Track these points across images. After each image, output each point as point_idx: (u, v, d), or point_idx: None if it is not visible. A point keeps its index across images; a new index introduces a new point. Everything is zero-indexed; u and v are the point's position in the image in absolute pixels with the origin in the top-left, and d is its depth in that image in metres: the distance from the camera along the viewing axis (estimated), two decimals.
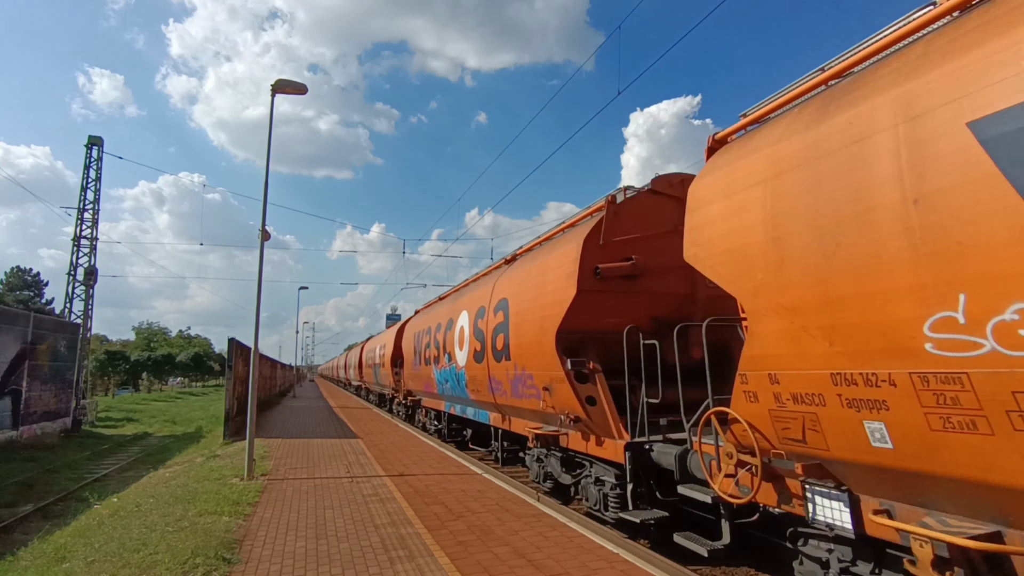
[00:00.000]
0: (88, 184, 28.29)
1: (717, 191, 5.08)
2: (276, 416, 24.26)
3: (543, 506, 7.80)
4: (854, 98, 3.91)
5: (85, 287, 27.89)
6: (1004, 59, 3.00)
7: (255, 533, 6.62)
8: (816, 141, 4.07)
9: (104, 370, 63.96)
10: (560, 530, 6.61)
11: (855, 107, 3.84)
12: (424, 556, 5.72)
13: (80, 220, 27.90)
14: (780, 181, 4.31)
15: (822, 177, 3.92)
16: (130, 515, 7.56)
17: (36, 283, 54.92)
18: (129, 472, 15.38)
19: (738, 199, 4.74)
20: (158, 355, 71.23)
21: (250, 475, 9.81)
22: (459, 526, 6.80)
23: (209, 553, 5.65)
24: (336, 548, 6.03)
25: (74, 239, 27.75)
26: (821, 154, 3.98)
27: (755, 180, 4.59)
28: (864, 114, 3.73)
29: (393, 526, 6.84)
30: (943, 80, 3.28)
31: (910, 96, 3.45)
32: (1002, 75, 2.98)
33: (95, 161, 28.42)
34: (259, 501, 8.19)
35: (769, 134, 4.75)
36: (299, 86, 10.99)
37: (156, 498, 8.57)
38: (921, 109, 3.35)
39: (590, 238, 7.40)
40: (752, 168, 4.69)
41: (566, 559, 5.58)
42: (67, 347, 22.46)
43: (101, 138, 28.64)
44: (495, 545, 6.06)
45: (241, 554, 5.87)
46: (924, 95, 3.36)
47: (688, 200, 5.44)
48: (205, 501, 7.89)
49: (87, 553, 5.96)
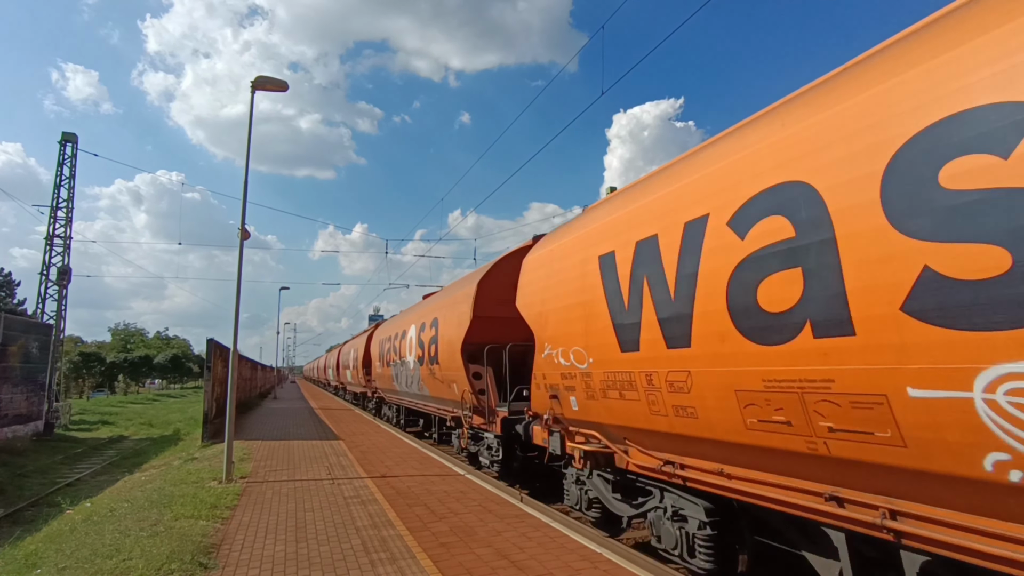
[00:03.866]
0: (62, 182, 27.68)
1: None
2: (256, 418, 23.94)
3: (526, 507, 7.78)
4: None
5: (58, 287, 27.28)
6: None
7: (233, 537, 6.51)
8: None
9: (78, 372, 62.60)
10: (543, 530, 6.60)
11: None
12: (406, 558, 5.67)
13: (53, 218, 27.29)
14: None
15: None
16: (103, 520, 7.38)
17: (7, 283, 53.48)
18: (103, 476, 15.07)
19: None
20: (135, 356, 69.91)
21: (229, 478, 9.65)
22: (441, 527, 6.75)
23: (185, 558, 5.54)
24: (316, 551, 5.95)
25: (47, 238, 27.13)
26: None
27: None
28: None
29: (375, 528, 6.77)
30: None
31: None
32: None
33: (69, 158, 27.82)
34: (238, 504, 8.06)
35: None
36: (280, 83, 10.85)
37: (131, 502, 8.37)
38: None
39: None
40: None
41: (549, 559, 5.56)
42: (39, 348, 21.91)
43: (75, 135, 28.05)
44: (478, 546, 6.02)
45: (218, 559, 5.76)
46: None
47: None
48: (182, 505, 7.74)
49: (58, 559, 5.79)
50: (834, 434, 3.56)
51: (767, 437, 4.05)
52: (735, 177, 4.34)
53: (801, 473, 4.02)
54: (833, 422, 3.52)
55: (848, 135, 3.48)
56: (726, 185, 4.41)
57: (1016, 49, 2.74)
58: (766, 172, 4.04)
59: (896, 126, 3.21)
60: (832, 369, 3.47)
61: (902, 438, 3.17)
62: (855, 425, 3.41)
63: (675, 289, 4.80)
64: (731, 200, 4.27)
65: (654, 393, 5.18)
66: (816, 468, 3.86)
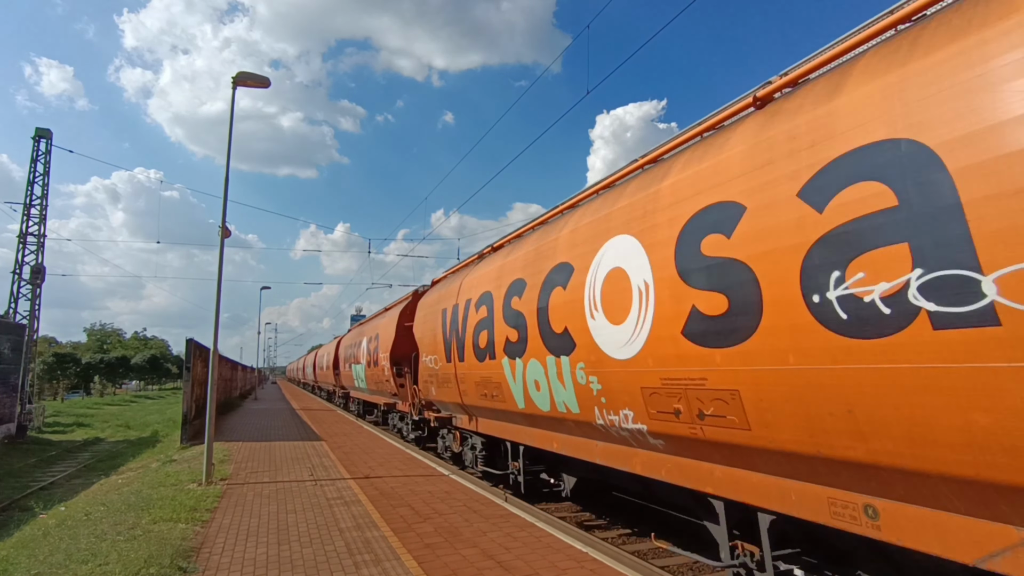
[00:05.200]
0: (35, 178, 27.01)
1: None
2: (237, 419, 23.60)
3: (511, 507, 7.75)
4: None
5: (32, 286, 26.61)
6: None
7: (213, 540, 6.38)
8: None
9: (53, 373, 61.21)
10: (529, 530, 6.57)
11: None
12: (391, 560, 5.60)
13: (27, 216, 26.63)
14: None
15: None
16: (78, 524, 7.19)
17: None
18: (78, 479, 14.73)
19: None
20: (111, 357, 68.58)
21: (209, 480, 9.48)
22: (426, 528, 6.70)
23: (164, 562, 5.41)
24: (299, 553, 5.85)
25: (20, 236, 26.46)
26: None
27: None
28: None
29: (358, 529, 6.69)
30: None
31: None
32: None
33: (43, 155, 27.16)
34: (218, 507, 7.91)
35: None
36: (262, 79, 10.69)
37: (107, 506, 8.18)
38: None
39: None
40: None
41: (535, 559, 5.54)
42: (11, 349, 21.38)
43: (50, 131, 27.39)
44: (463, 547, 5.98)
45: (198, 562, 5.64)
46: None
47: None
48: (160, 508, 7.58)
49: (31, 565, 5.63)
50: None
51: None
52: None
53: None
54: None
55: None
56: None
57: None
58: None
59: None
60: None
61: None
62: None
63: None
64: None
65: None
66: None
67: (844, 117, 3.36)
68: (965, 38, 2.86)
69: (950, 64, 2.87)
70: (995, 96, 2.65)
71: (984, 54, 2.73)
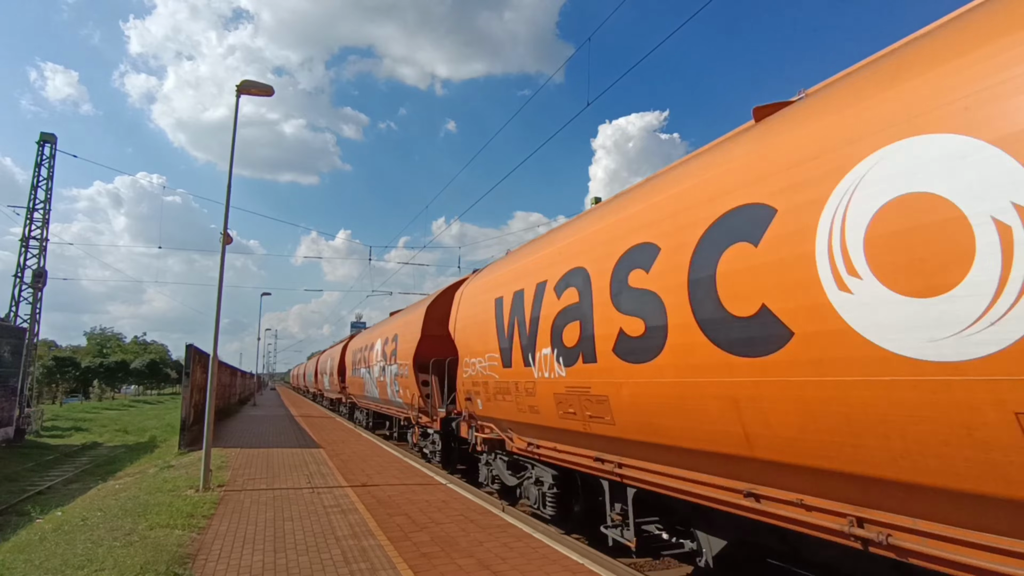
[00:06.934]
0: (39, 182, 27.16)
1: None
2: (235, 425, 23.56)
3: (508, 517, 7.75)
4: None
5: (33, 290, 26.69)
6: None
7: (210, 547, 6.38)
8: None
9: (52, 377, 61.15)
10: (525, 541, 6.57)
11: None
12: (387, 569, 5.60)
13: (30, 220, 26.75)
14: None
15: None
16: (75, 529, 7.20)
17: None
18: (76, 484, 14.69)
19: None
20: (111, 362, 68.52)
21: (206, 486, 9.47)
22: (423, 537, 6.69)
23: (160, 568, 5.42)
24: (295, 561, 5.86)
25: (22, 239, 26.57)
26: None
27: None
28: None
29: (355, 538, 6.69)
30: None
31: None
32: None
33: (47, 159, 27.33)
34: (215, 513, 7.91)
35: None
36: (265, 87, 10.79)
37: (104, 511, 8.18)
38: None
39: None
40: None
41: (531, 570, 5.54)
42: (11, 352, 21.41)
43: (54, 135, 27.59)
44: (459, 557, 5.98)
45: (194, 569, 5.65)
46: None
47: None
48: (157, 514, 7.58)
49: (27, 570, 5.64)
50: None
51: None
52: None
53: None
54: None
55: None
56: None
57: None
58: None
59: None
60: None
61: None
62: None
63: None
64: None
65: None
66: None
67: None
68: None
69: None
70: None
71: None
